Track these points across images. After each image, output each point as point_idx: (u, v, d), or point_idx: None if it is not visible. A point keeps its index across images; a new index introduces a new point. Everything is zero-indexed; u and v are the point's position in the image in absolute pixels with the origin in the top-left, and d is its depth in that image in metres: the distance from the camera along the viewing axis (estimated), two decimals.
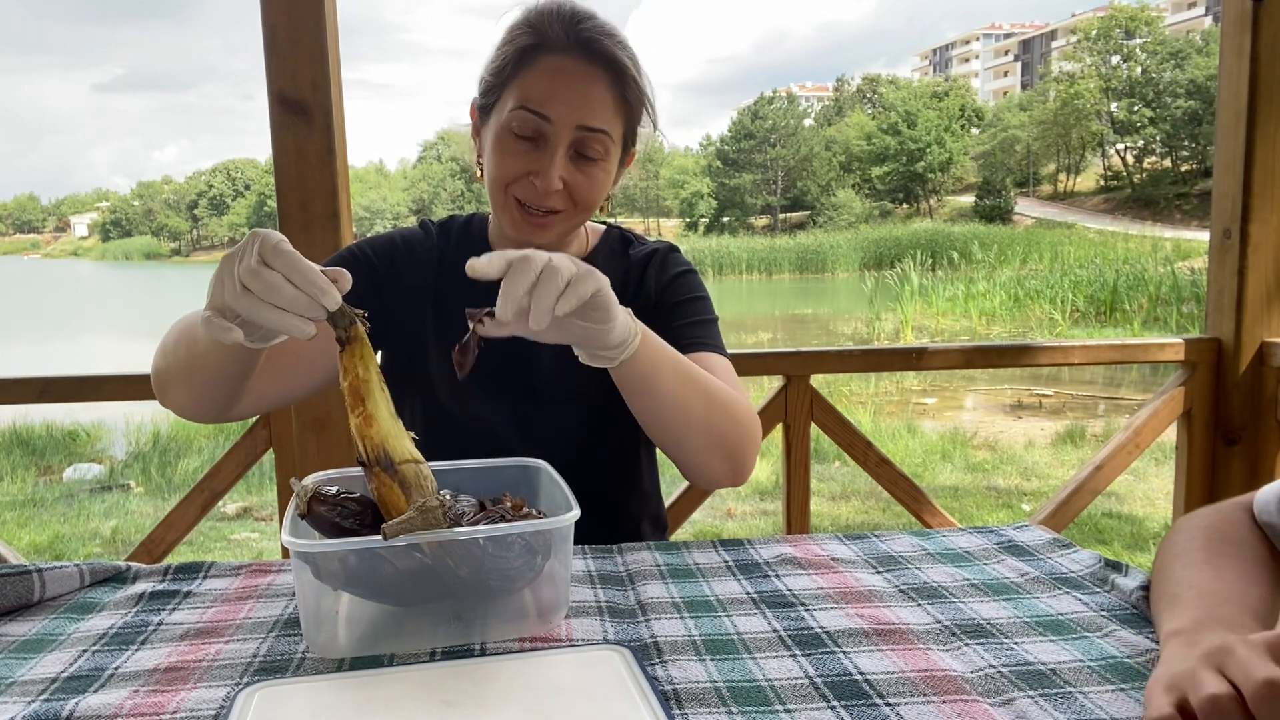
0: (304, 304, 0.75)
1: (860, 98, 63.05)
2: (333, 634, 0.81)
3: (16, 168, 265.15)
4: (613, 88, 1.12)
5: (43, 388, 1.97)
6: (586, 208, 1.16)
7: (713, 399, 1.05)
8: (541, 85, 1.10)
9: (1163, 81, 40.93)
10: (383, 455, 0.77)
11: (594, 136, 1.11)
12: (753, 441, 1.10)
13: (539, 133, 1.10)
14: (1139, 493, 4.94)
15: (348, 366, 0.78)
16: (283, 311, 0.75)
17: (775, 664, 0.76)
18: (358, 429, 0.77)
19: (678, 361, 1.02)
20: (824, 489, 5.10)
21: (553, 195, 1.12)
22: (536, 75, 1.10)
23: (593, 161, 1.13)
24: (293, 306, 0.75)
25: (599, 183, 1.15)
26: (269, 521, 4.84)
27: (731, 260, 33.79)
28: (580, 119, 1.10)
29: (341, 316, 0.77)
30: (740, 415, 1.08)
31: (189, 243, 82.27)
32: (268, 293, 0.74)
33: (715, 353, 1.19)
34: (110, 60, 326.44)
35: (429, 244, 1.26)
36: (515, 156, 1.11)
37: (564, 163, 1.11)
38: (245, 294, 0.75)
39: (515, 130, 1.10)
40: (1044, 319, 13.10)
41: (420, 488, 0.77)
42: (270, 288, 0.74)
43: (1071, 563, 0.99)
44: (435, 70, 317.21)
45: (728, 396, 1.07)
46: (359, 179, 71.74)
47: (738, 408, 1.08)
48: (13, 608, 0.91)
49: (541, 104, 1.09)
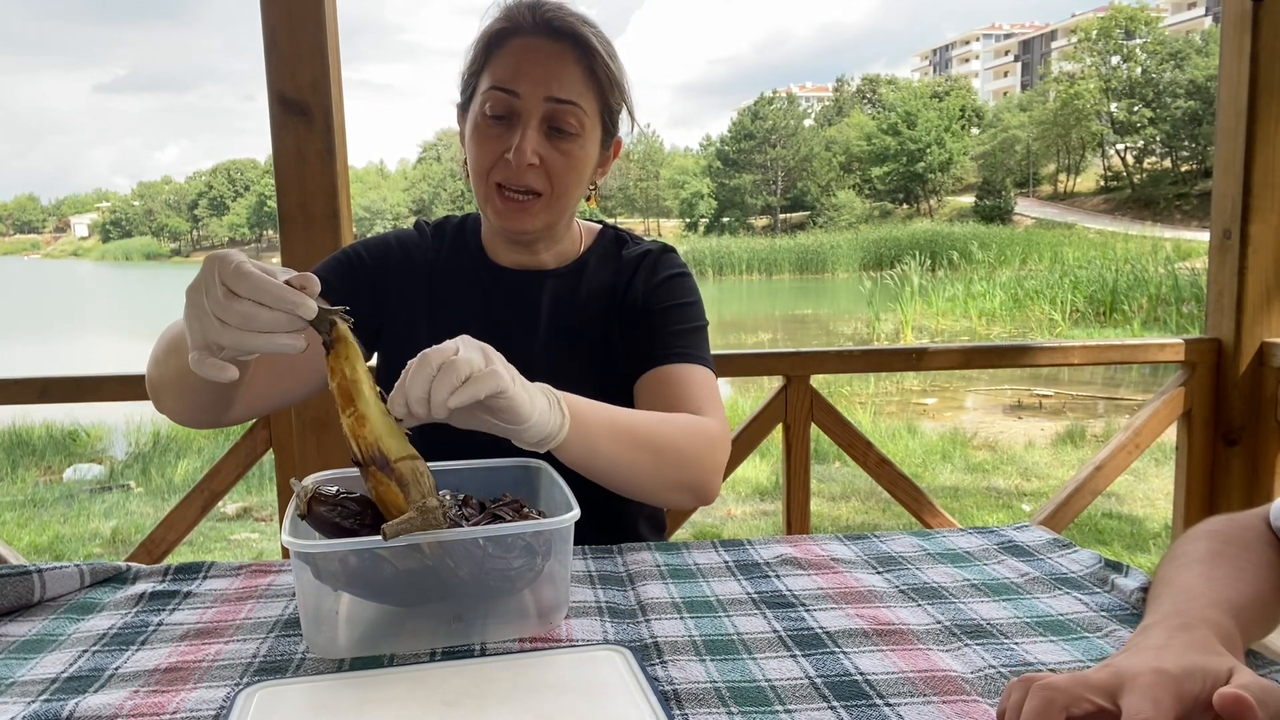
0: (284, 322, 0.75)
1: (860, 98, 63.08)
2: (333, 634, 0.81)
3: (17, 168, 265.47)
4: (580, 62, 1.13)
5: (43, 388, 1.97)
6: (566, 189, 1.16)
7: (662, 453, 1.04)
8: (510, 64, 1.12)
9: (1163, 82, 40.92)
10: (377, 454, 0.77)
11: (565, 108, 1.12)
12: (712, 469, 1.10)
13: (510, 110, 1.12)
14: (1139, 493, 4.94)
15: (334, 368, 0.78)
16: (268, 335, 0.75)
17: (775, 664, 0.76)
18: (350, 429, 0.77)
19: (616, 429, 1.00)
20: (824, 489, 5.10)
21: (529, 172, 1.12)
22: (505, 56, 1.13)
23: (568, 137, 1.13)
24: (274, 328, 0.75)
25: (577, 160, 1.15)
26: (269, 522, 4.84)
27: (731, 260, 33.78)
28: (549, 90, 1.11)
29: (321, 322, 0.77)
30: (694, 452, 1.07)
31: (189, 243, 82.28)
32: (246, 322, 0.74)
33: (697, 364, 1.18)
34: (111, 60, 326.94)
35: (423, 245, 1.27)
36: (490, 139, 1.13)
37: (537, 137, 1.12)
38: (225, 328, 0.75)
39: (489, 112, 1.12)
40: (1044, 319, 13.10)
41: (418, 484, 0.77)
42: (247, 317, 0.74)
43: (1071, 563, 0.99)
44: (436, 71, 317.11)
45: (677, 439, 1.06)
46: (359, 179, 71.79)
47: (692, 443, 1.07)
48: (13, 608, 0.91)
49: (510, 81, 1.11)
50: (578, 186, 1.18)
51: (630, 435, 1.02)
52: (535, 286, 1.24)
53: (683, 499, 1.10)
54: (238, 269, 0.74)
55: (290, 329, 0.76)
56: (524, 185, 1.13)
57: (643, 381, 1.18)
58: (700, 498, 1.10)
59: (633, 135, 1.28)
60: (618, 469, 1.01)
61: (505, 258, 1.25)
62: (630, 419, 1.03)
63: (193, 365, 0.77)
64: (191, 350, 0.78)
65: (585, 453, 0.96)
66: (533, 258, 1.25)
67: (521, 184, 1.13)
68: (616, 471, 1.01)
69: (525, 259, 1.25)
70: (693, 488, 1.08)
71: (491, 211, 1.17)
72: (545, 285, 1.24)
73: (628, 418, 1.03)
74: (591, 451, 0.97)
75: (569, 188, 1.16)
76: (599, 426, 0.98)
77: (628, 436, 1.01)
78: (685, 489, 1.08)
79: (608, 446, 0.99)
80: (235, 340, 0.75)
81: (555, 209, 1.17)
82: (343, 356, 0.77)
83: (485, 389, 0.79)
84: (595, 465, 0.99)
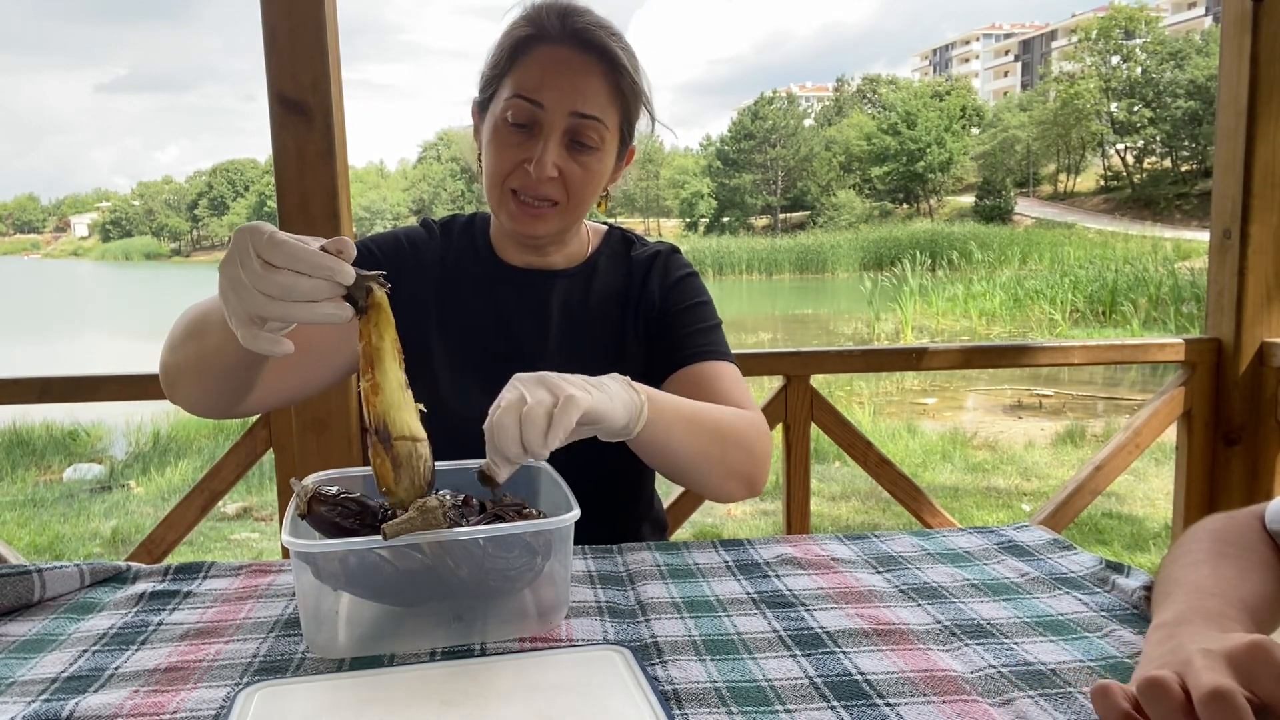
0: (325, 289, 0.74)
1: (860, 98, 63.06)
2: (333, 634, 0.81)
3: (18, 168, 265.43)
4: (606, 77, 1.12)
5: (43, 388, 1.97)
6: (582, 200, 1.16)
7: (726, 438, 1.06)
8: (535, 73, 1.11)
9: (1162, 82, 40.91)
10: (382, 426, 0.77)
11: (588, 124, 1.12)
12: (766, 459, 1.11)
13: (533, 119, 1.11)
14: (1139, 493, 4.94)
15: (364, 331, 0.77)
16: (311, 304, 0.74)
17: (775, 664, 0.76)
18: (365, 394, 0.77)
19: (684, 413, 1.01)
20: (824, 489, 5.10)
21: (547, 183, 1.12)
22: (531, 64, 1.12)
23: (588, 150, 1.13)
24: (315, 295, 0.73)
25: (594, 173, 1.15)
26: (269, 521, 4.84)
27: (732, 260, 33.78)
28: (573, 105, 1.10)
29: (358, 287, 0.76)
30: (753, 441, 1.09)
31: (189, 243, 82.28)
32: (288, 292, 0.73)
33: (722, 359, 1.20)
34: (112, 61, 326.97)
35: (432, 244, 1.27)
36: (510, 147, 1.12)
37: (558, 149, 1.11)
38: (268, 300, 0.73)
39: (510, 119, 1.11)
40: (1044, 319, 13.09)
41: (410, 468, 0.77)
42: (288, 287, 0.72)
43: (1071, 563, 0.99)
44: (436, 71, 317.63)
45: (739, 427, 1.08)
46: (359, 179, 71.80)
47: (750, 433, 1.09)
48: (13, 608, 0.91)
49: (535, 91, 1.10)
50: (593, 197, 1.18)
51: (699, 423, 1.03)
52: (545, 287, 1.24)
53: (738, 489, 1.10)
54: (271, 238, 0.73)
55: (332, 296, 0.74)
56: (541, 195, 1.13)
57: (673, 381, 1.18)
58: (753, 488, 1.11)
59: (652, 138, 1.27)
60: (690, 456, 1.02)
61: (515, 257, 1.25)
62: (696, 407, 1.04)
63: (244, 342, 0.76)
64: (237, 327, 0.77)
65: (662, 436, 0.97)
66: (542, 259, 1.25)
67: (539, 194, 1.13)
68: (689, 456, 1.02)
69: (535, 259, 1.25)
70: (749, 478, 1.09)
71: (505, 215, 1.16)
72: (555, 286, 1.25)
73: (694, 406, 1.04)
74: (667, 434, 0.98)
75: (585, 199, 1.16)
76: (673, 413, 0.99)
77: (697, 424, 1.02)
78: (743, 479, 1.09)
79: (682, 429, 1.00)
80: (280, 311, 0.73)
81: (570, 218, 1.18)
82: (373, 322, 0.77)
83: (573, 419, 0.81)
84: (670, 450, 1.00)
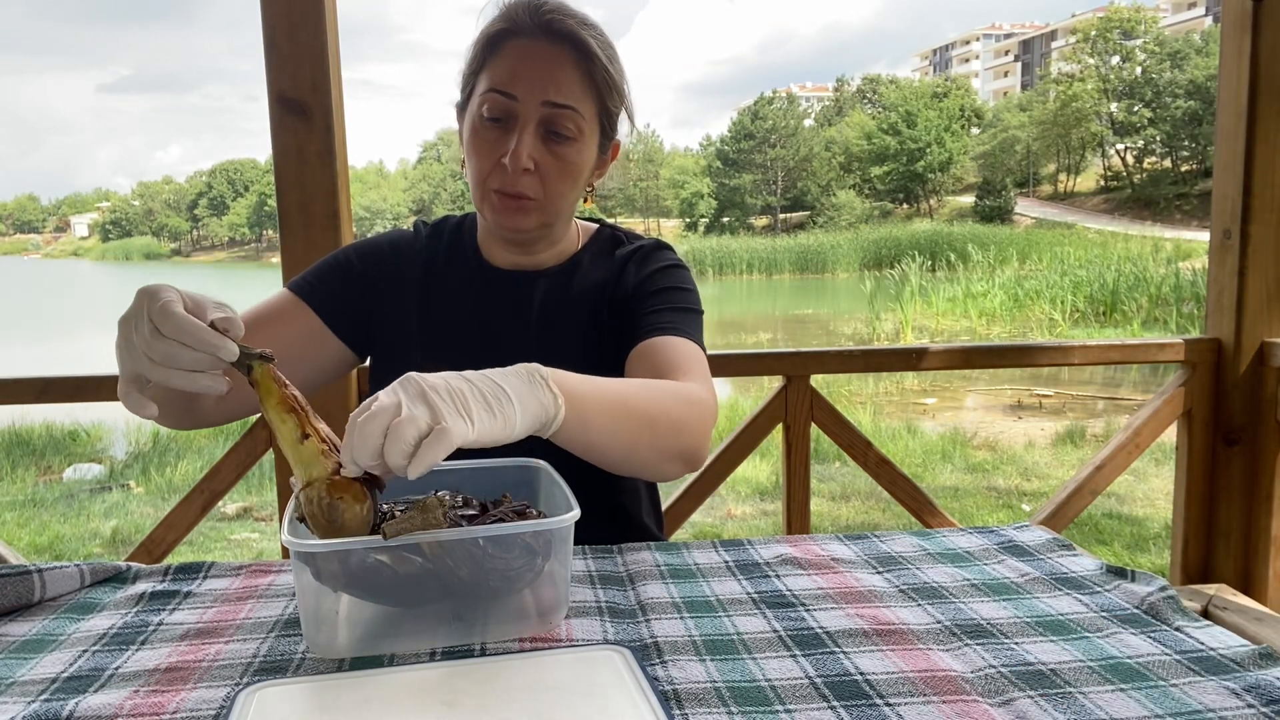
0: (206, 362, 0.78)
1: (860, 98, 63.03)
2: (333, 634, 0.81)
3: (20, 168, 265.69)
4: (579, 66, 1.13)
5: (43, 388, 1.97)
6: (561, 194, 1.15)
7: (656, 421, 0.99)
8: (508, 66, 1.12)
9: (1162, 82, 40.89)
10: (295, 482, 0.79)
11: (563, 113, 1.12)
12: (703, 433, 1.05)
13: (508, 113, 1.12)
14: (1139, 493, 4.94)
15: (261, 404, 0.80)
16: (192, 374, 0.78)
17: (775, 664, 0.76)
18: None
19: (609, 403, 0.94)
20: (824, 489, 5.10)
21: (524, 177, 1.12)
22: (503, 58, 1.13)
23: (565, 141, 1.13)
24: (197, 367, 0.78)
25: (574, 165, 1.15)
26: (269, 521, 4.84)
27: (732, 260, 33.77)
28: (546, 94, 1.11)
29: (241, 365, 0.79)
30: (686, 419, 1.02)
31: (189, 243, 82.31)
32: (170, 361, 0.77)
33: (684, 338, 1.15)
34: (115, 61, 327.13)
35: (417, 245, 1.27)
36: (488, 144, 1.13)
37: (534, 141, 1.12)
38: (151, 364, 0.78)
39: (486, 114, 1.12)
40: (1044, 319, 13.09)
41: (313, 516, 0.76)
42: (171, 356, 0.77)
43: (1072, 563, 0.99)
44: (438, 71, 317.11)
45: (671, 406, 1.01)
46: (359, 179, 71.80)
47: (682, 410, 1.02)
48: (13, 608, 0.91)
49: (508, 83, 1.11)
50: (573, 190, 1.17)
51: (624, 407, 0.96)
52: (528, 286, 1.24)
53: (675, 469, 1.04)
54: (164, 308, 0.77)
55: (213, 369, 0.79)
56: (518, 190, 1.13)
57: (630, 359, 1.15)
58: (692, 465, 1.05)
59: (632, 137, 1.28)
60: (617, 447, 0.95)
61: (500, 259, 1.25)
62: (621, 389, 0.98)
63: (121, 397, 0.82)
64: (121, 382, 0.81)
65: (580, 436, 0.91)
66: (530, 258, 1.25)
67: (516, 189, 1.13)
68: (615, 449, 0.96)
69: (522, 259, 1.25)
70: (685, 455, 1.03)
71: (488, 210, 1.17)
72: (538, 284, 1.24)
73: (618, 388, 0.98)
74: (586, 433, 0.91)
75: (564, 192, 1.16)
76: (596, 406, 0.92)
77: (625, 411, 0.96)
78: (678, 458, 1.03)
79: (605, 425, 0.93)
80: (161, 376, 0.78)
81: (550, 211, 1.17)
82: (261, 395, 0.80)
83: (439, 455, 0.72)
84: (592, 445, 0.93)
